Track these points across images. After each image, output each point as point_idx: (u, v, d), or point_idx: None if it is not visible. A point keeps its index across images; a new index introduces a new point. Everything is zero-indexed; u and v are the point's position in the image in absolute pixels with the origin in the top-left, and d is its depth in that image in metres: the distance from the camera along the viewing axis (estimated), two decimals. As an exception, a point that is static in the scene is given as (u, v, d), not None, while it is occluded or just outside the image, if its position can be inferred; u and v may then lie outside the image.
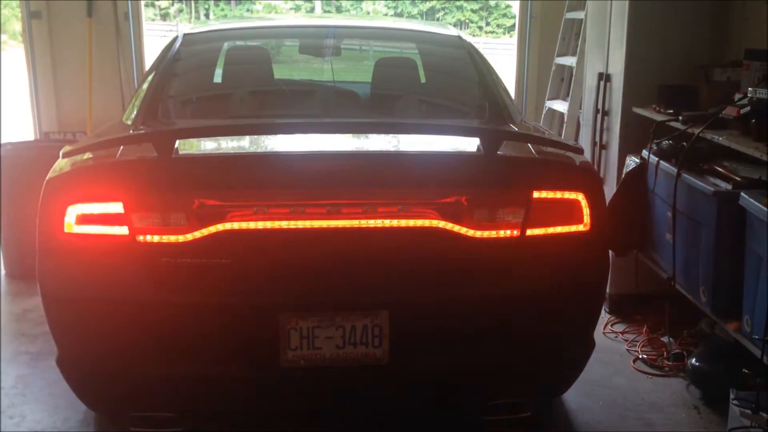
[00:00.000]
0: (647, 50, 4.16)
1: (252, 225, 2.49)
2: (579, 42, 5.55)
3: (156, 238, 2.48)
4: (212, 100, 3.68)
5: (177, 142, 2.57)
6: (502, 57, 13.06)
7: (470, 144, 2.75)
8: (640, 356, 3.86)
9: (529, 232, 2.58)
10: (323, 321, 2.51)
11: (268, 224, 2.50)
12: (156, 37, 12.56)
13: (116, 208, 2.46)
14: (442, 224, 2.53)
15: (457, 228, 2.53)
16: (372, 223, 2.51)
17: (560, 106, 5.95)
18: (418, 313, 2.56)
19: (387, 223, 2.51)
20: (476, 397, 2.80)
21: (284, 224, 2.50)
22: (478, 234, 2.55)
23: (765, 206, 2.87)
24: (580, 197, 2.62)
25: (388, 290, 2.55)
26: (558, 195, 2.61)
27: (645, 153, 3.92)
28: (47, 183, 2.57)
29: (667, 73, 4.13)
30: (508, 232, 2.56)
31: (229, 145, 2.87)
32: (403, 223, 2.52)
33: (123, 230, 2.47)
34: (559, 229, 2.62)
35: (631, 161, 4.09)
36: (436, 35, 4.09)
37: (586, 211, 2.62)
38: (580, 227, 2.63)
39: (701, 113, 3.64)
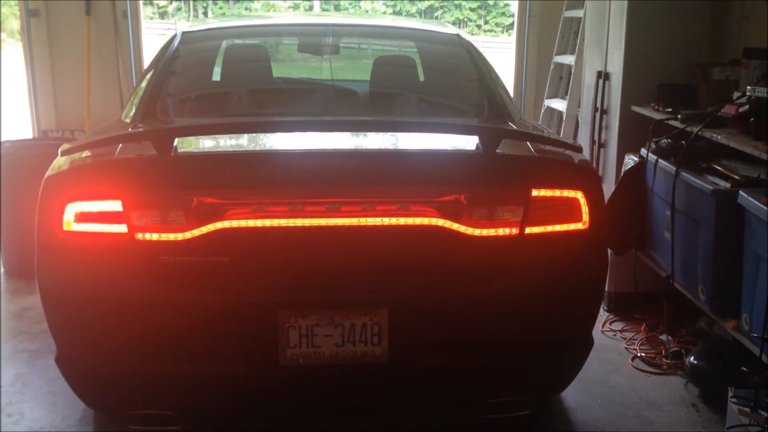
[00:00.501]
0: (646, 49, 4.16)
1: (251, 223, 2.49)
2: (578, 40, 5.55)
3: (155, 236, 2.48)
4: (211, 99, 3.67)
5: (176, 140, 2.57)
6: (501, 55, 13.05)
7: (469, 142, 2.75)
8: (639, 354, 3.86)
9: (528, 230, 2.58)
10: (322, 319, 2.51)
11: (267, 222, 2.50)
12: (154, 36, 12.53)
13: (115, 206, 2.46)
14: (441, 222, 2.53)
15: (456, 226, 2.53)
16: (371, 221, 2.51)
17: (559, 104, 5.95)
18: (418, 311, 2.56)
19: (386, 221, 2.51)
20: (475, 396, 2.80)
21: (283, 222, 2.50)
22: (477, 232, 2.55)
23: (764, 205, 2.87)
24: (578, 195, 2.62)
25: (388, 288, 2.55)
26: (557, 193, 2.61)
27: (644, 151, 3.92)
28: (46, 181, 2.57)
29: (665, 71, 4.13)
30: (507, 230, 2.57)
31: (227, 143, 2.87)
32: (402, 221, 2.52)
33: (122, 228, 2.47)
34: (557, 228, 2.62)
35: (630, 160, 4.09)
36: (434, 34, 4.09)
37: (584, 209, 2.62)
38: (579, 225, 2.63)
39: (700, 112, 3.64)
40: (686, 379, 3.59)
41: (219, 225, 2.48)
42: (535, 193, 2.57)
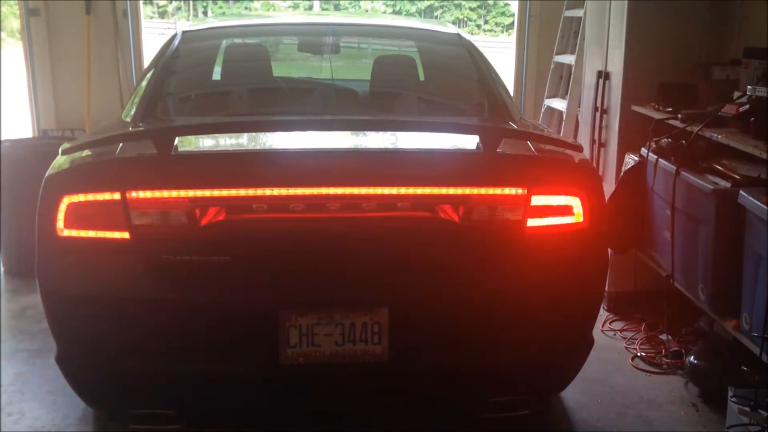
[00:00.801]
0: (646, 48, 4.16)
1: (251, 222, 2.49)
2: (578, 40, 5.55)
3: (155, 236, 2.48)
4: (211, 98, 3.67)
5: (176, 139, 2.57)
6: (501, 55, 13.04)
7: (469, 141, 2.75)
8: (639, 354, 3.86)
9: (528, 229, 2.58)
10: (322, 318, 2.51)
11: (267, 221, 2.50)
12: (154, 35, 12.53)
13: (115, 205, 2.46)
14: (441, 222, 2.53)
15: (456, 226, 2.53)
16: (371, 220, 2.51)
17: (559, 104, 5.95)
18: (418, 310, 2.56)
19: (387, 220, 2.51)
20: (475, 395, 2.79)
21: (283, 221, 2.50)
22: (478, 232, 2.55)
23: (764, 204, 2.87)
24: (579, 195, 2.62)
25: (388, 288, 2.55)
26: (557, 193, 2.61)
27: (644, 151, 3.92)
28: (46, 180, 2.56)
29: (666, 71, 4.13)
30: (508, 229, 2.57)
31: (228, 142, 2.87)
32: (403, 220, 2.52)
33: (122, 227, 2.47)
34: (558, 227, 2.62)
35: (630, 159, 4.09)
36: (435, 33, 4.09)
37: (585, 208, 2.62)
38: (579, 225, 2.63)
39: (700, 111, 3.64)
40: (686, 379, 3.59)
41: (219, 224, 2.48)
42: (535, 192, 2.57)
